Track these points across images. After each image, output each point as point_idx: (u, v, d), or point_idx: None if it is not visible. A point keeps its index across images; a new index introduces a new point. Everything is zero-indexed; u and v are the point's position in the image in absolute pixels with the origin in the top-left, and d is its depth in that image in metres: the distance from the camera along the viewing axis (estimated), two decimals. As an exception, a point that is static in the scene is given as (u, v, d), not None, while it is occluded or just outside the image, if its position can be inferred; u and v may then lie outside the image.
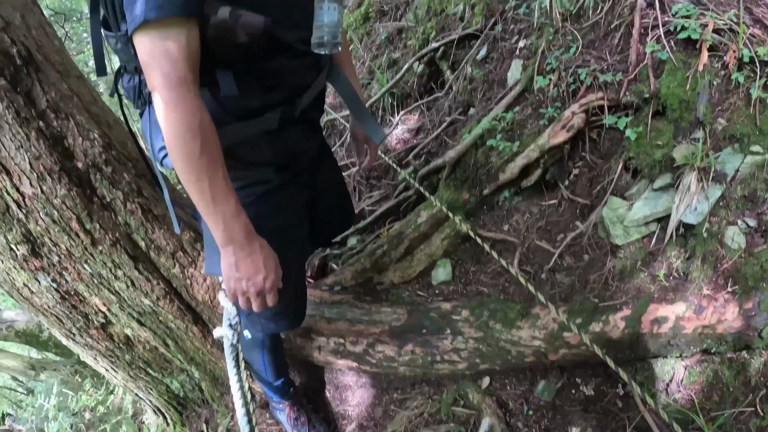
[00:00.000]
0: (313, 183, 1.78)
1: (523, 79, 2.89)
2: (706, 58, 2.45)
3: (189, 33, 1.17)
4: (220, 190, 1.23)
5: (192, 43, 1.18)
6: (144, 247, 2.05)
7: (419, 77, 3.84)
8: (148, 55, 1.16)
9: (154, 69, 1.16)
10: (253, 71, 1.36)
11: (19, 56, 1.73)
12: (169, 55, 1.15)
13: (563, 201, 2.71)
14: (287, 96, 1.48)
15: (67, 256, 1.91)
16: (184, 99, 1.17)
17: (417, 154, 3.57)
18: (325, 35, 1.36)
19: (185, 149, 1.18)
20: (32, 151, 1.73)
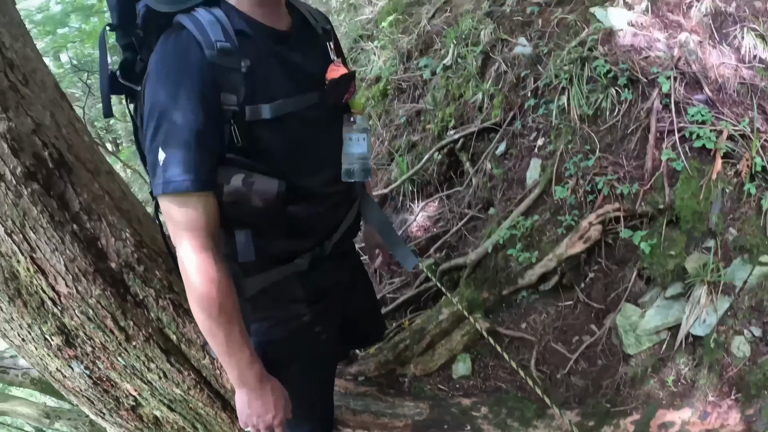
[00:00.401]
0: (345, 307, 1.84)
1: (542, 182, 3.11)
2: (720, 165, 2.65)
3: (206, 202, 1.26)
4: (235, 343, 1.36)
5: (210, 210, 1.27)
6: (175, 341, 2.19)
7: (439, 165, 4.08)
8: (170, 219, 1.27)
9: (176, 232, 1.28)
10: (276, 222, 1.42)
11: (51, 159, 1.86)
12: (189, 223, 1.25)
13: (579, 303, 2.86)
14: (315, 241, 1.56)
15: (101, 348, 2.05)
16: (204, 263, 1.27)
17: (438, 247, 3.76)
18: (354, 165, 1.47)
19: (203, 307, 1.30)
20: (67, 253, 1.88)
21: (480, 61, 4.04)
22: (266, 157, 1.32)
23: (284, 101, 1.30)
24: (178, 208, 1.24)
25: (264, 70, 1.29)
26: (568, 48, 3.37)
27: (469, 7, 4.69)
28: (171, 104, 1.19)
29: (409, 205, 4.31)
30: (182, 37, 1.22)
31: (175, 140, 1.20)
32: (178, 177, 1.20)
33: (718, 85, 3.02)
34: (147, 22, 1.29)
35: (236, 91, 1.24)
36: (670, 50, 3.20)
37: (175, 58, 1.22)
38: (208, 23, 1.22)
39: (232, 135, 1.26)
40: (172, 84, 1.20)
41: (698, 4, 3.40)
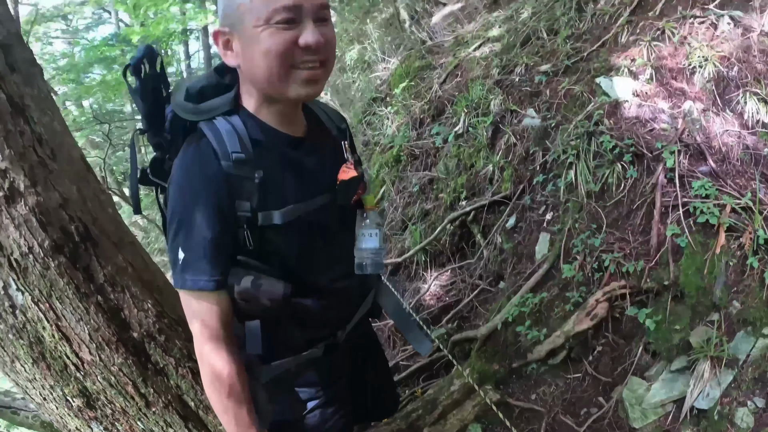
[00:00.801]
0: (359, 382, 1.93)
1: (550, 257, 3.30)
2: (724, 239, 2.82)
3: (219, 299, 1.41)
4: (243, 423, 1.47)
5: (223, 305, 1.42)
6: (194, 407, 2.30)
7: (451, 236, 4.28)
8: (187, 308, 1.43)
9: (192, 321, 1.45)
10: (288, 315, 1.53)
11: (77, 233, 2.02)
12: (204, 314, 1.41)
13: (587, 376, 2.99)
14: (329, 331, 1.66)
15: (122, 412, 2.17)
16: (217, 352, 1.42)
17: (450, 318, 3.93)
18: (366, 260, 1.57)
19: (215, 389, 1.45)
20: (91, 323, 2.03)
21: (490, 132, 4.31)
22: (277, 257, 1.45)
23: (295, 206, 1.43)
24: (194, 301, 1.41)
25: (277, 178, 1.42)
26: (575, 122, 3.62)
27: (479, 72, 5.00)
28: (190, 211, 1.35)
29: (422, 274, 4.49)
30: (201, 147, 1.36)
31: (193, 244, 1.35)
32: (194, 276, 1.36)
33: (722, 155, 3.22)
34: (174, 126, 1.47)
35: (250, 198, 1.37)
36: (674, 121, 3.43)
37: (194, 167, 1.36)
38: (226, 133, 1.36)
39: (245, 239, 1.40)
40: (191, 192, 1.35)
41: (701, 70, 3.65)
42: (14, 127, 1.97)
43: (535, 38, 4.86)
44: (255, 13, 1.26)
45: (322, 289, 1.58)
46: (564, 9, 4.78)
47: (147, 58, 1.43)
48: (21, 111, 2.01)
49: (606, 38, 4.23)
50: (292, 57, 1.29)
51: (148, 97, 1.46)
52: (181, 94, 1.43)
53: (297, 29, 1.28)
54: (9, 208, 1.94)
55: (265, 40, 1.27)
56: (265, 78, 1.32)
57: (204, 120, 1.40)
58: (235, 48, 1.34)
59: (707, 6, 3.96)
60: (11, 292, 1.98)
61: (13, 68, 2.05)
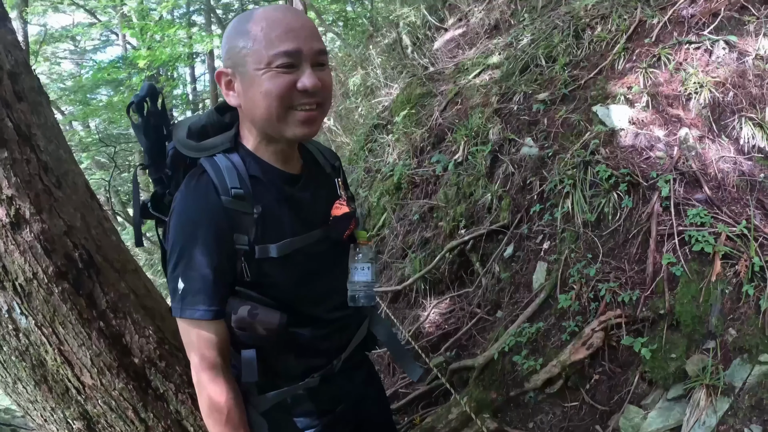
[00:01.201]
0: (357, 416, 1.98)
1: (547, 287, 3.41)
2: (719, 267, 2.91)
3: (217, 328, 1.49)
4: None
5: (220, 335, 1.49)
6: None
7: (450, 265, 4.39)
8: (185, 337, 1.51)
9: (190, 349, 1.52)
10: (283, 345, 1.61)
11: (80, 260, 2.12)
12: (201, 343, 1.48)
13: (584, 405, 3.06)
14: (325, 361, 1.72)
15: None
16: (214, 381, 1.49)
17: (449, 346, 4.01)
18: (359, 292, 1.67)
19: (212, 418, 1.52)
20: (93, 348, 2.12)
21: (489, 161, 4.44)
22: (274, 289, 1.55)
23: (291, 240, 1.53)
24: (193, 330, 1.49)
25: (274, 213, 1.52)
26: (572, 151, 3.74)
27: (479, 100, 5.15)
28: (190, 243, 1.43)
29: (422, 301, 4.58)
30: (202, 182, 1.46)
31: (192, 274, 1.44)
32: (193, 306, 1.45)
33: (718, 182, 3.33)
34: (175, 162, 1.57)
35: (248, 232, 1.47)
36: (669, 149, 3.54)
37: (195, 201, 1.46)
38: (226, 169, 1.47)
39: (243, 270, 1.49)
40: (191, 224, 1.44)
41: (696, 96, 3.77)
42: (21, 155, 2.08)
43: (534, 65, 5.01)
44: (256, 56, 1.37)
45: (317, 320, 1.67)
46: (562, 36, 4.95)
47: (149, 97, 1.56)
48: (27, 139, 2.12)
49: (603, 65, 4.37)
50: (290, 99, 1.40)
51: (151, 133, 1.58)
52: (183, 132, 1.54)
53: (296, 73, 1.39)
54: (14, 235, 2.04)
55: (266, 83, 1.37)
56: (264, 118, 1.43)
57: (205, 156, 1.50)
58: (236, 88, 1.44)
59: (702, 32, 4.10)
60: (15, 315, 2.07)
61: (20, 97, 2.17)
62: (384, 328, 1.96)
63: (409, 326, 4.39)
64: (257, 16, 1.40)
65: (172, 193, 1.56)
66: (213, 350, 1.50)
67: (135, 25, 11.64)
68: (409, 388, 4.05)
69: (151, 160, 1.60)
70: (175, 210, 1.48)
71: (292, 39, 1.37)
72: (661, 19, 4.37)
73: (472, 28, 7.26)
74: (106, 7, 14.24)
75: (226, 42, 1.45)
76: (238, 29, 1.42)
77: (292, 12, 1.45)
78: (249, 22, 1.39)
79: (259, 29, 1.37)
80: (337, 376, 1.77)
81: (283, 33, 1.37)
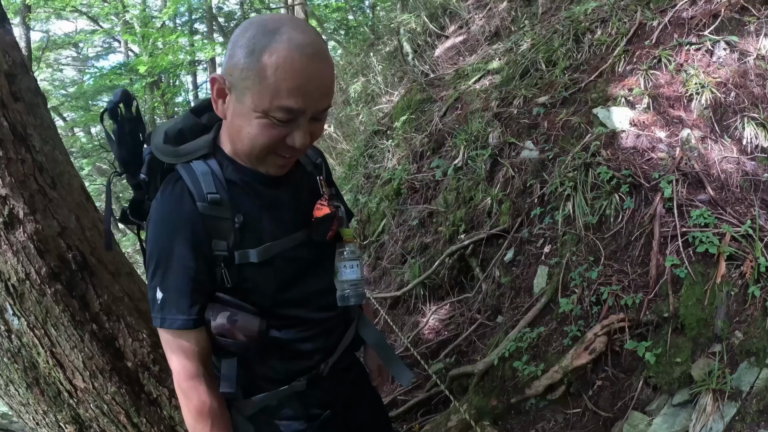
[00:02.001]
0: (349, 421, 1.93)
1: (548, 291, 3.36)
2: (724, 268, 2.86)
3: (197, 337, 1.46)
4: None
5: (200, 342, 1.47)
6: None
7: (450, 270, 4.35)
8: (167, 346, 1.48)
9: (171, 359, 1.48)
10: (267, 349, 1.56)
11: (74, 261, 2.11)
12: (183, 352, 1.46)
13: (587, 411, 3.00)
14: (312, 363, 1.68)
15: None
16: (195, 389, 1.47)
17: (448, 352, 3.96)
18: (347, 291, 1.63)
19: (198, 425, 1.49)
20: (86, 351, 2.11)
21: (489, 165, 4.41)
22: (255, 293, 1.51)
23: (272, 244, 1.49)
24: (173, 339, 1.46)
25: (253, 217, 1.48)
26: (573, 153, 3.71)
27: (479, 105, 5.13)
28: (167, 252, 1.40)
29: (421, 307, 4.54)
30: (177, 189, 1.42)
31: (170, 283, 1.41)
32: (172, 316, 1.42)
33: (721, 183, 3.29)
34: (151, 167, 1.51)
35: (226, 237, 1.44)
36: (671, 150, 3.50)
37: (170, 209, 1.42)
38: (202, 174, 1.43)
39: (223, 277, 1.45)
40: (167, 233, 1.41)
41: (698, 97, 3.74)
42: (16, 155, 2.07)
43: (534, 70, 4.99)
44: (258, 98, 1.28)
45: (301, 322, 1.63)
46: (562, 40, 4.93)
47: (123, 103, 1.49)
48: (23, 139, 2.11)
49: (603, 68, 4.35)
50: (274, 148, 1.37)
51: (126, 140, 1.51)
52: (159, 137, 1.49)
53: (290, 127, 1.33)
54: (8, 235, 2.02)
55: (256, 128, 1.32)
56: (243, 150, 1.41)
57: (182, 162, 1.46)
58: (227, 102, 1.37)
59: (703, 32, 4.07)
60: (7, 316, 2.05)
61: (16, 97, 2.16)
62: (372, 331, 1.92)
63: (408, 333, 4.34)
64: (278, 50, 1.24)
65: (151, 198, 1.52)
66: (194, 359, 1.48)
67: (136, 32, 11.68)
68: (408, 395, 4.00)
69: (124, 168, 1.54)
70: (151, 218, 1.45)
71: (301, 97, 1.28)
72: (661, 22, 4.35)
73: (472, 35, 7.26)
74: (108, 14, 14.34)
75: (233, 53, 1.30)
76: (251, 48, 1.26)
77: (315, 62, 1.28)
78: (266, 51, 1.24)
79: (272, 71, 1.24)
80: (325, 379, 1.73)
81: (295, 88, 1.26)
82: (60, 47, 16.16)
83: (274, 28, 1.26)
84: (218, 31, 15.52)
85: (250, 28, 1.30)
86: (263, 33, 1.27)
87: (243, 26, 1.33)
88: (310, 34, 1.30)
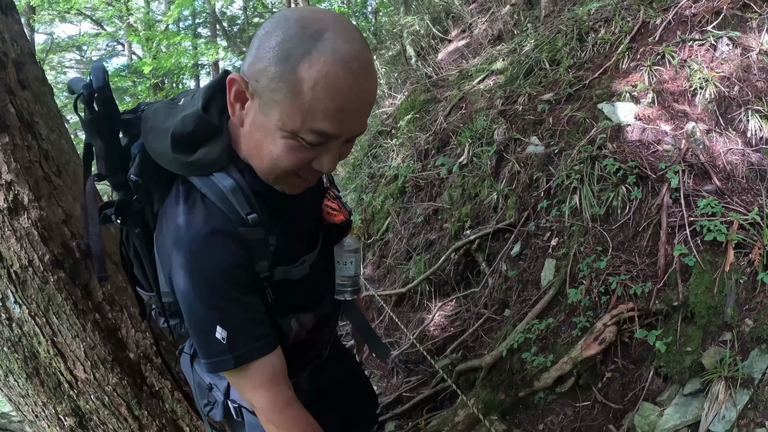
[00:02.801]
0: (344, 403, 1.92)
1: (556, 283, 3.30)
2: (732, 256, 2.81)
3: (281, 354, 1.29)
4: None
5: (283, 360, 1.30)
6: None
7: (456, 265, 4.29)
8: (248, 385, 1.27)
9: (257, 397, 1.27)
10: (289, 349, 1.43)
11: (78, 249, 2.08)
12: (270, 380, 1.26)
13: (597, 404, 2.94)
14: (315, 354, 1.67)
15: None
16: (296, 418, 1.29)
17: (455, 347, 3.90)
18: (345, 285, 1.61)
19: None
20: (87, 341, 2.08)
21: (494, 161, 4.36)
22: (292, 305, 1.40)
23: (306, 258, 1.39)
24: (255, 373, 1.25)
25: (284, 233, 1.32)
26: (578, 147, 3.66)
27: (483, 104, 5.09)
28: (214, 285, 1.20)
29: (427, 304, 4.48)
30: (210, 213, 1.20)
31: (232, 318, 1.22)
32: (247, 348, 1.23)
33: (727, 173, 3.24)
34: (145, 170, 1.26)
35: (266, 257, 1.26)
36: (677, 142, 3.46)
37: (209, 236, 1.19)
38: (230, 191, 1.21)
39: (267, 295, 1.31)
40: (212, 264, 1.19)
41: (702, 91, 3.70)
42: (22, 141, 2.05)
43: (538, 69, 4.95)
44: (287, 116, 1.08)
45: (316, 321, 1.55)
46: (565, 39, 4.89)
47: (103, 87, 1.24)
48: (29, 126, 2.09)
49: (607, 65, 4.31)
50: (297, 170, 1.19)
51: (105, 131, 1.28)
52: (163, 142, 1.22)
53: (318, 150, 1.15)
54: (12, 220, 1.99)
55: (281, 149, 1.13)
56: (260, 168, 1.22)
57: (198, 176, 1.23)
58: (246, 108, 1.16)
59: (706, 29, 4.04)
60: (9, 304, 2.01)
61: (24, 85, 2.14)
62: (356, 312, 1.90)
63: (413, 329, 4.28)
64: (319, 62, 1.02)
65: (142, 200, 1.30)
66: (285, 381, 1.30)
67: (140, 32, 11.72)
68: (414, 392, 3.94)
69: (110, 168, 1.30)
70: (181, 247, 1.20)
71: (339, 122, 1.08)
72: (664, 19, 4.31)
73: (475, 38, 7.23)
74: (112, 18, 14.38)
75: (261, 54, 1.08)
76: (286, 54, 1.04)
77: (360, 81, 1.07)
78: (304, 61, 1.03)
79: (309, 86, 1.03)
80: (322, 367, 1.71)
81: (334, 110, 1.06)
82: (63, 50, 16.21)
83: (316, 32, 1.04)
84: (221, 35, 15.57)
85: (285, 25, 1.07)
86: (302, 36, 1.04)
87: (276, 21, 1.09)
88: (358, 44, 1.07)
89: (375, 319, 4.79)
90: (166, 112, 1.29)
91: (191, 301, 1.21)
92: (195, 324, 1.23)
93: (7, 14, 2.16)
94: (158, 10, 15.62)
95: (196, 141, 1.22)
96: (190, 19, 15.02)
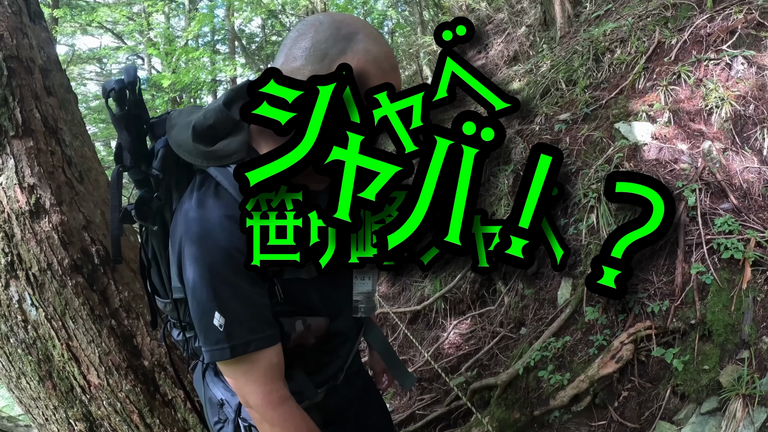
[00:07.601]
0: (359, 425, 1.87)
1: (573, 301, 3.28)
2: (750, 274, 2.78)
3: (279, 351, 1.28)
4: None
5: (282, 358, 1.29)
6: None
7: (471, 283, 4.27)
8: (242, 378, 1.27)
9: (250, 393, 1.26)
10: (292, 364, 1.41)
11: (97, 255, 2.10)
12: (266, 376, 1.26)
13: (613, 423, 2.89)
14: (331, 374, 1.62)
15: None
16: (291, 415, 1.29)
17: (470, 366, 3.87)
18: (361, 302, 1.58)
19: None
20: (103, 346, 2.09)
21: (511, 180, 4.35)
22: (300, 304, 1.37)
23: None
24: (250, 366, 1.26)
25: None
26: (595, 166, 3.65)
27: (501, 124, 5.09)
28: (223, 273, 1.20)
29: (442, 322, 4.46)
30: (222, 200, 1.21)
31: (233, 306, 1.22)
32: (244, 339, 1.23)
33: (743, 191, 3.22)
34: (167, 164, 1.29)
35: None
36: (693, 161, 3.45)
37: (219, 222, 1.20)
38: None
39: (277, 292, 1.29)
40: (222, 254, 1.20)
41: (718, 110, 3.70)
42: (46, 146, 2.08)
43: (555, 89, 4.96)
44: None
45: (330, 335, 1.51)
46: (582, 60, 4.90)
47: (131, 84, 1.29)
48: (54, 132, 2.12)
49: (623, 85, 4.31)
50: None
51: (132, 127, 1.32)
52: (184, 132, 1.26)
53: None
54: (32, 224, 2.01)
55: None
56: None
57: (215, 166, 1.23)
58: None
59: (721, 48, 4.04)
60: (26, 306, 2.02)
61: (49, 92, 2.18)
62: (378, 336, 1.85)
63: (428, 347, 4.26)
64: (356, 60, 1.11)
65: (162, 197, 1.32)
66: (280, 379, 1.29)
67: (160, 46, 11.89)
68: (427, 410, 3.90)
69: (134, 160, 1.33)
70: (190, 230, 1.21)
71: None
72: (680, 39, 4.32)
73: (491, 59, 7.28)
74: (133, 32, 14.61)
75: (295, 53, 1.15)
76: (323, 53, 1.13)
77: (392, 78, 1.14)
78: (339, 60, 1.10)
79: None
80: (339, 387, 1.66)
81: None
82: (84, 62, 16.40)
83: (349, 34, 1.13)
84: (240, 52, 15.77)
85: (320, 27, 1.14)
86: (336, 38, 1.12)
87: (308, 24, 1.17)
88: (386, 45, 1.18)
89: (389, 336, 4.77)
90: (189, 111, 1.32)
91: (196, 283, 1.21)
92: (197, 308, 1.23)
93: (35, 22, 2.21)
94: (178, 26, 15.92)
95: (217, 134, 1.25)
96: (209, 36, 15.26)
